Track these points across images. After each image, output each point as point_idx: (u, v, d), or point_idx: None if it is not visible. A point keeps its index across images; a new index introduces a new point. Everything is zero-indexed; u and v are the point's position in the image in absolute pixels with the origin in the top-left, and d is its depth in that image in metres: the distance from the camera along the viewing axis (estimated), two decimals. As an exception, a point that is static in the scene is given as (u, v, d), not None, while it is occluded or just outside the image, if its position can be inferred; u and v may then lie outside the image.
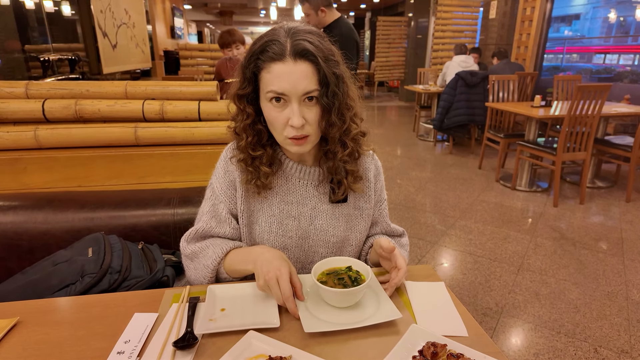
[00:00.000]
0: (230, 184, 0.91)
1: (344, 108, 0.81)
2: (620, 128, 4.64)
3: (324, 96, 0.77)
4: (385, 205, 1.03)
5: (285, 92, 0.75)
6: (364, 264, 0.82)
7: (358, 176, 0.90)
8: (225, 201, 0.91)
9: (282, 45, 0.75)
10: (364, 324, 0.72)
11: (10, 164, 1.31)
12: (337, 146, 0.85)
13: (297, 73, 0.75)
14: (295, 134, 0.78)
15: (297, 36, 0.76)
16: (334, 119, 0.80)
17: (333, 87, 0.77)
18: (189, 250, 0.90)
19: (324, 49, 0.78)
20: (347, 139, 0.85)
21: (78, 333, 0.71)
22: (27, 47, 2.99)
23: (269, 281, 0.75)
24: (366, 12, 13.74)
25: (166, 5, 7.93)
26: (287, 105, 0.77)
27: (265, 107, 0.80)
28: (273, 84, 0.76)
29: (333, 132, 0.82)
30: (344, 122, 0.82)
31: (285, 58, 0.75)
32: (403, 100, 10.14)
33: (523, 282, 2.22)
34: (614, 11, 9.48)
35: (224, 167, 0.92)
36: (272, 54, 0.75)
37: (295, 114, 0.76)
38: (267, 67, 0.76)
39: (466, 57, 5.14)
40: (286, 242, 0.91)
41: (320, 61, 0.75)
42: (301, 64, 0.75)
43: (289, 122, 0.77)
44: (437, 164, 4.66)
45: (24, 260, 1.06)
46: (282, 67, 0.75)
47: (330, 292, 0.75)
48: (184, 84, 1.44)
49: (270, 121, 0.80)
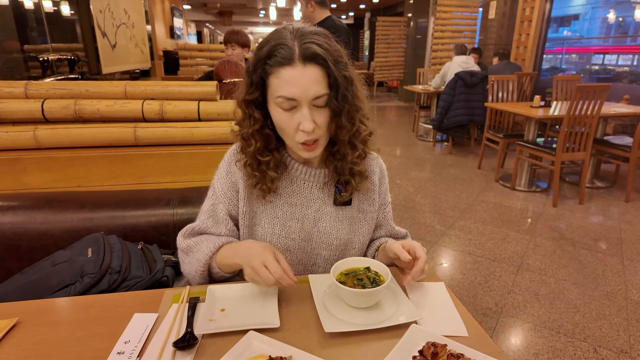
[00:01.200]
0: (231, 185, 0.91)
1: (353, 110, 0.81)
2: (620, 128, 4.64)
3: (334, 99, 0.76)
4: (390, 208, 1.03)
5: (296, 97, 0.74)
6: (383, 264, 0.82)
7: (365, 176, 0.90)
8: (225, 202, 0.91)
9: (290, 49, 0.73)
10: (384, 324, 0.71)
11: (9, 164, 1.30)
12: (346, 148, 0.85)
13: (307, 77, 0.73)
14: (307, 138, 0.77)
15: (305, 39, 0.74)
16: (344, 122, 0.80)
17: (343, 90, 0.77)
18: (184, 245, 0.91)
19: (333, 50, 0.76)
20: (356, 141, 0.84)
21: (77, 333, 0.71)
22: (26, 47, 2.99)
23: (255, 267, 0.73)
24: (365, 12, 13.74)
25: (165, 5, 7.92)
26: (296, 110, 0.76)
27: (274, 112, 0.79)
28: (282, 89, 0.74)
29: (343, 135, 0.81)
30: (353, 125, 0.82)
31: (294, 62, 0.73)
32: (402, 100, 10.14)
33: (522, 282, 2.22)
34: (613, 11, 9.50)
35: (227, 168, 0.92)
36: (280, 59, 0.73)
37: (306, 118, 0.75)
38: (275, 72, 0.75)
39: (467, 57, 5.14)
40: (289, 244, 0.90)
41: (331, 65, 0.74)
42: (311, 68, 0.73)
43: (300, 126, 0.76)
44: (436, 164, 4.66)
45: (24, 260, 1.06)
46: (292, 72, 0.73)
47: (350, 292, 0.74)
48: (184, 84, 1.44)
49: (281, 126, 0.79)
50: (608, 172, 4.21)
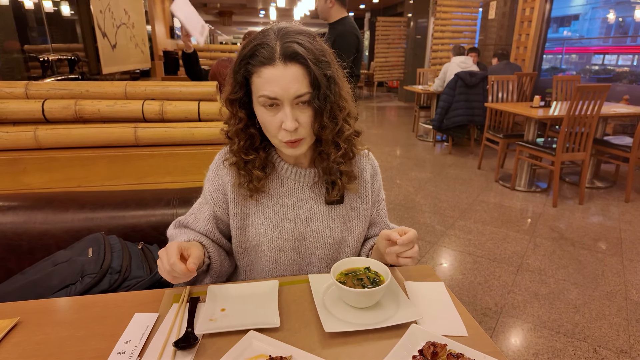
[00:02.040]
0: (218, 187, 0.91)
1: (336, 109, 0.81)
2: (619, 128, 4.64)
3: (315, 99, 0.76)
4: (384, 205, 1.02)
5: (277, 96, 0.75)
6: (383, 264, 0.82)
7: (352, 176, 0.90)
8: (211, 203, 0.92)
9: (271, 48, 0.74)
10: (384, 324, 0.72)
11: (9, 164, 1.30)
12: (330, 147, 0.85)
13: (287, 77, 0.74)
14: (289, 137, 0.78)
15: (287, 38, 0.75)
16: (326, 121, 0.80)
17: (324, 90, 0.76)
18: (169, 233, 0.96)
19: (315, 49, 0.76)
20: (340, 140, 0.84)
21: (78, 333, 0.71)
22: (26, 47, 2.99)
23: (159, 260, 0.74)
24: (365, 12, 13.75)
25: (165, 5, 7.93)
26: (279, 109, 0.77)
27: (258, 111, 0.80)
28: (264, 88, 0.75)
29: (326, 134, 0.82)
30: (336, 124, 0.82)
31: (275, 62, 0.74)
32: (402, 100, 10.14)
33: (522, 282, 2.22)
34: (613, 12, 9.50)
35: (215, 170, 0.93)
36: (262, 58, 0.74)
37: (288, 117, 0.76)
38: (257, 71, 0.75)
39: (465, 57, 5.15)
40: (282, 245, 0.90)
41: (311, 63, 0.74)
42: (291, 67, 0.74)
43: (282, 125, 0.77)
44: (436, 164, 4.66)
45: (24, 260, 1.06)
46: (273, 71, 0.74)
47: (350, 292, 0.75)
48: (184, 84, 1.44)
49: (264, 125, 0.80)
50: (608, 172, 4.21)
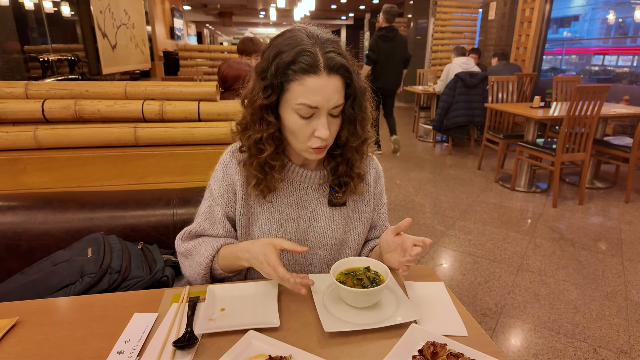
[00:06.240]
0: (228, 187, 0.91)
1: (365, 118, 0.84)
2: (619, 129, 4.64)
3: (350, 108, 0.80)
4: (385, 209, 1.04)
5: (318, 105, 0.75)
6: (383, 264, 0.82)
7: (362, 178, 0.93)
8: (222, 204, 0.91)
9: (314, 55, 0.74)
10: (384, 324, 0.71)
11: (9, 164, 1.30)
12: (353, 154, 0.87)
13: (330, 87, 0.75)
14: (320, 144, 0.80)
15: (327, 47, 0.76)
16: (358, 130, 0.83)
17: (360, 100, 0.80)
18: (182, 248, 0.91)
19: (351, 60, 0.79)
20: (364, 147, 0.88)
21: (77, 333, 0.71)
22: (26, 48, 2.99)
23: (262, 269, 0.77)
24: (365, 13, 13.76)
25: (166, 6, 7.93)
26: (314, 117, 0.77)
27: (290, 117, 0.79)
28: (306, 97, 0.75)
29: (353, 141, 0.84)
30: (365, 132, 0.85)
31: (319, 71, 0.74)
32: (402, 101, 10.14)
33: (522, 283, 2.22)
34: (613, 12, 9.50)
35: (223, 170, 0.92)
36: (305, 66, 0.73)
37: (324, 126, 0.77)
38: (299, 78, 0.74)
39: (467, 58, 5.14)
40: None
41: (353, 76, 0.77)
42: (334, 78, 0.75)
43: (316, 133, 0.78)
44: (436, 165, 4.66)
45: (24, 260, 1.05)
46: (317, 81, 0.74)
47: (350, 292, 0.75)
48: (184, 85, 1.44)
49: (294, 131, 0.80)
50: (608, 172, 4.21)
